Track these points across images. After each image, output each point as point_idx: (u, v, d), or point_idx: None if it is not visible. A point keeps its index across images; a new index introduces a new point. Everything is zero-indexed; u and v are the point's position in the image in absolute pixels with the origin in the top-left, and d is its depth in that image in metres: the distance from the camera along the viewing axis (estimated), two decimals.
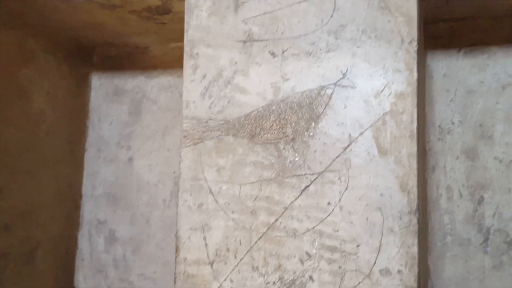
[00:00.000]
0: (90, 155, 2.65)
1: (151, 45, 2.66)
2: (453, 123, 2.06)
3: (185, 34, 1.40)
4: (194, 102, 1.37)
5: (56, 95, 2.44)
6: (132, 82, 2.66)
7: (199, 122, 1.36)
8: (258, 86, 1.32)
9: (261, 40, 1.33)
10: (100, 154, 2.64)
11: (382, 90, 1.20)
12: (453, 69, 2.08)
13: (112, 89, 2.69)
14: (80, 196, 2.61)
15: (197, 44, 1.38)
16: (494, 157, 1.98)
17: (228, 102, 1.34)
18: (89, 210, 2.60)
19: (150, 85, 2.63)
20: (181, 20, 2.26)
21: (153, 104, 2.60)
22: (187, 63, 1.39)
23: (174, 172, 2.49)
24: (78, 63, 2.63)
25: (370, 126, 1.20)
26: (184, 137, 1.37)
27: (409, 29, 1.20)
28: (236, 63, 1.34)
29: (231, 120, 1.33)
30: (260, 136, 1.30)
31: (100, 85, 2.71)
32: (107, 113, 2.67)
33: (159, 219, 2.49)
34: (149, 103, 2.61)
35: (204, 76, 1.37)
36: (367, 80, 1.22)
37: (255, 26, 1.33)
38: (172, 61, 2.60)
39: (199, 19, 1.39)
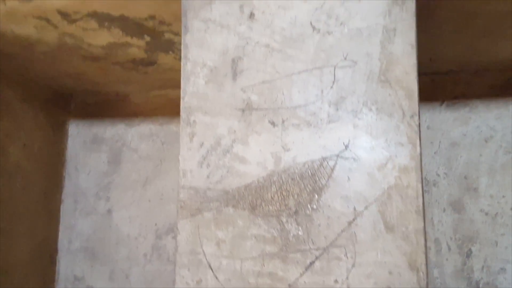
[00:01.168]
0: (66, 206, 2.54)
1: (132, 93, 2.61)
2: (438, 175, 2.09)
3: (181, 101, 1.36)
4: (191, 171, 1.33)
5: (32, 146, 2.34)
6: (111, 130, 2.59)
7: (196, 192, 1.31)
8: (258, 155, 1.29)
9: (261, 109, 1.30)
10: (77, 206, 2.53)
11: (386, 163, 1.20)
12: (436, 121, 2.13)
13: (90, 137, 2.60)
14: (56, 250, 2.48)
15: (194, 112, 1.35)
16: (480, 210, 2.01)
17: (227, 171, 1.30)
18: (65, 266, 2.47)
19: (131, 133, 2.56)
20: (165, 70, 2.23)
21: (133, 153, 2.53)
22: (184, 130, 1.35)
23: (156, 224, 2.41)
24: (55, 111, 2.54)
25: (375, 200, 1.18)
26: (181, 207, 1.31)
27: (410, 103, 1.21)
28: (235, 131, 1.31)
29: (230, 191, 1.29)
30: (261, 207, 1.27)
31: (78, 133, 2.62)
32: (84, 162, 2.58)
33: (139, 275, 2.39)
34: (129, 152, 2.54)
35: (202, 145, 1.33)
36: (369, 153, 1.22)
37: (254, 94, 1.31)
38: (153, 109, 2.56)
39: (196, 86, 1.36)
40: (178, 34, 1.79)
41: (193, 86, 1.37)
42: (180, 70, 1.38)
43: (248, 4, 1.37)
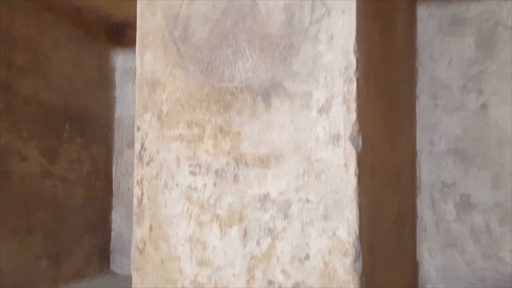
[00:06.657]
0: (423, 103, 2.15)
1: None
2: None
3: None
4: None
5: (398, 32, 1.95)
6: (477, 8, 2.08)
7: None
8: None
9: None
10: (438, 101, 2.13)
11: None
12: None
13: (448, 19, 2.13)
14: (414, 154, 2.14)
15: None
16: None
17: None
18: (428, 171, 2.12)
19: (506, 9, 2.02)
20: None
21: None
22: None
23: None
24: None
25: None
26: None
27: None
28: None
29: None
30: None
31: (429, 15, 2.17)
32: (442, 50, 2.13)
33: None
34: (506, 33, 2.02)
35: None
36: None
37: None
38: None
39: None
40: None
41: None
42: None
43: None
